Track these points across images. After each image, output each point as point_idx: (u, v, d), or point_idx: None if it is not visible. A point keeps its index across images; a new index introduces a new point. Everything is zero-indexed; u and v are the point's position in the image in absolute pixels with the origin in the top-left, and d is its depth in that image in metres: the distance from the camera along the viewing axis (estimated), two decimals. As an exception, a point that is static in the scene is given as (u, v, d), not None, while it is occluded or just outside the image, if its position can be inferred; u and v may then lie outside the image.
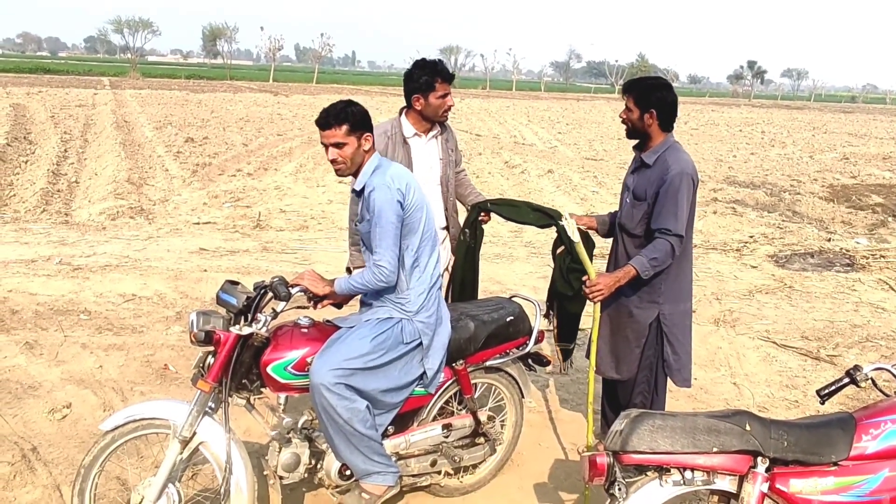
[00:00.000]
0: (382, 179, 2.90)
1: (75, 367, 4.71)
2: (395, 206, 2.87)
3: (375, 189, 2.88)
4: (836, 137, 29.08)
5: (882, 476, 2.30)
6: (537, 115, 34.37)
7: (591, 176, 14.67)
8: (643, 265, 3.31)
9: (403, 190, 2.90)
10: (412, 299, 2.98)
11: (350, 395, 2.82)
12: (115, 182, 11.53)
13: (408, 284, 2.99)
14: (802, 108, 66.38)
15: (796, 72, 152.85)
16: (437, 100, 3.66)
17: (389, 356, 2.94)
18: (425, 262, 3.02)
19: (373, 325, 2.96)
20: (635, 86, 3.43)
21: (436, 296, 3.09)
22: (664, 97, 3.37)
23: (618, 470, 2.29)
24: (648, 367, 3.55)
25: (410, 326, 2.98)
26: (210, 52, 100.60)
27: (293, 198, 11.26)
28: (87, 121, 20.23)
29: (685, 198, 3.30)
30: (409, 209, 2.92)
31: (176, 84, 47.34)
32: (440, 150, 3.85)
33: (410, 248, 2.97)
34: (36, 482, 3.48)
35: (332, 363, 2.81)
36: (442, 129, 3.86)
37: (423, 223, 2.99)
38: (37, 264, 6.83)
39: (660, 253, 3.29)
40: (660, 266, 3.32)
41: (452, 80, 3.72)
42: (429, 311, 3.02)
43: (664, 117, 3.38)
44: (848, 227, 11.03)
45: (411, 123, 3.77)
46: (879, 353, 5.62)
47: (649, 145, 3.45)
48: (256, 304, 2.82)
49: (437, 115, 3.71)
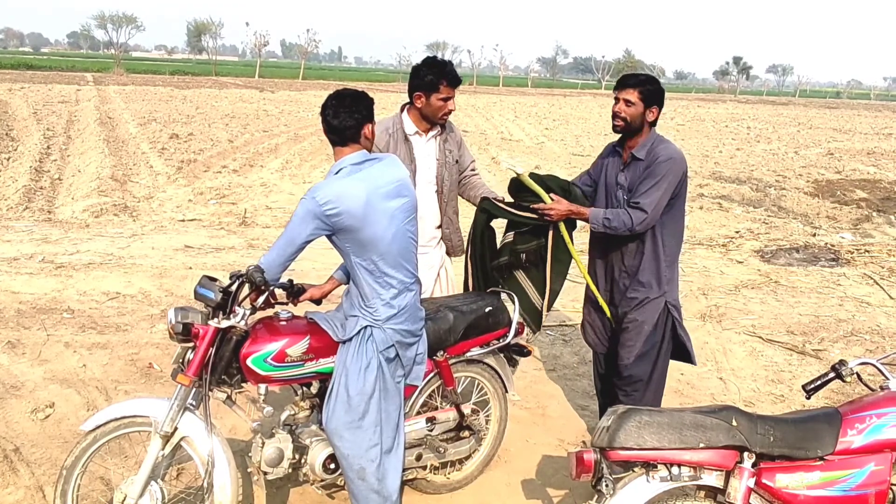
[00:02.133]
0: (321, 191, 2.75)
1: (58, 366, 4.65)
2: (311, 219, 2.74)
3: (303, 198, 2.78)
4: (821, 133, 29.31)
5: (867, 470, 2.32)
6: (524, 110, 34.41)
7: (578, 171, 14.67)
8: (597, 218, 3.48)
9: (331, 210, 2.73)
10: (378, 308, 2.90)
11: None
12: (99, 179, 11.43)
13: (370, 294, 2.90)
14: (787, 103, 66.86)
15: (781, 67, 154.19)
16: (438, 101, 3.58)
17: (377, 383, 2.91)
18: (388, 273, 2.87)
19: (356, 377, 2.90)
20: (641, 81, 3.50)
21: (408, 304, 2.96)
22: (663, 94, 3.55)
23: (605, 466, 2.29)
24: (655, 347, 3.65)
25: (382, 334, 2.91)
26: (195, 47, 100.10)
27: (279, 194, 11.21)
28: (71, 117, 20.06)
29: (666, 183, 3.40)
30: (338, 228, 2.76)
31: (160, 80, 47.03)
32: (437, 151, 3.79)
33: (368, 262, 2.85)
34: (18, 483, 3.44)
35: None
36: (442, 129, 3.79)
37: (378, 242, 2.81)
38: (19, 262, 6.75)
39: (617, 221, 3.44)
40: (609, 230, 3.46)
41: (458, 85, 3.64)
42: (400, 318, 2.94)
43: (658, 115, 3.54)
44: (833, 222, 11.11)
45: (412, 121, 3.71)
46: (864, 348, 5.66)
47: (637, 141, 3.53)
48: (234, 297, 2.80)
49: (435, 116, 3.64)
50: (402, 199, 2.90)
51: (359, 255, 2.84)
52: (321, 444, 3.02)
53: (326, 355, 2.98)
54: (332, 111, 2.85)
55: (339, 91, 2.92)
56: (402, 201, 2.89)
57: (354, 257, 2.85)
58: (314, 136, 18.21)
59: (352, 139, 2.88)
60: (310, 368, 2.96)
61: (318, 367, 2.98)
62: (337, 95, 2.89)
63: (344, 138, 2.88)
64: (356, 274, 2.90)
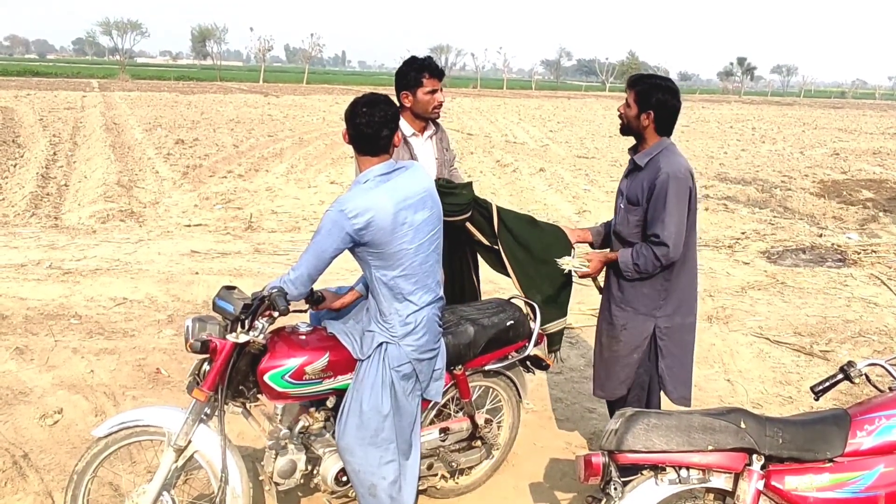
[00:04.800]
0: (349, 203, 2.68)
1: (66, 372, 4.67)
2: (338, 232, 2.68)
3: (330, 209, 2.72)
4: (826, 133, 29.21)
5: (877, 472, 2.30)
6: (528, 113, 34.39)
7: (583, 174, 14.68)
8: (626, 264, 3.24)
9: (360, 224, 2.67)
10: (395, 325, 2.84)
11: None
12: (105, 185, 11.47)
13: (388, 309, 2.85)
14: (792, 104, 66.70)
15: (786, 68, 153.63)
16: (425, 95, 3.61)
17: (391, 400, 2.87)
18: (408, 289, 2.83)
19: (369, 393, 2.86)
20: (640, 82, 3.25)
21: (426, 319, 2.90)
22: (666, 101, 3.19)
23: (613, 469, 2.28)
24: (640, 385, 3.41)
25: (397, 351, 2.85)
26: (199, 53, 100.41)
27: (284, 199, 11.22)
28: (76, 123, 20.12)
29: (675, 202, 3.11)
30: (365, 240, 2.71)
31: (165, 86, 47.15)
32: (435, 150, 3.84)
33: (385, 275, 2.80)
34: (27, 489, 3.45)
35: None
36: (437, 127, 3.85)
37: (402, 255, 2.76)
38: (26, 269, 6.78)
39: (643, 260, 3.18)
40: (641, 272, 3.21)
41: (441, 77, 3.67)
42: (417, 335, 2.87)
43: (662, 121, 3.22)
44: (839, 222, 11.07)
45: (408, 123, 3.73)
46: (872, 349, 5.63)
47: (643, 147, 3.30)
48: (254, 312, 2.73)
49: (426, 111, 3.67)
50: (428, 212, 2.84)
51: (380, 269, 2.79)
52: (334, 457, 2.98)
53: (345, 372, 2.91)
54: (365, 119, 2.71)
55: (369, 96, 2.78)
56: (428, 214, 2.83)
57: (376, 271, 2.80)
58: (319, 141, 18.25)
59: (384, 149, 2.79)
60: (328, 386, 2.90)
61: (335, 385, 2.92)
62: (368, 102, 2.74)
63: (376, 148, 2.77)
64: (375, 288, 2.85)
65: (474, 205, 3.48)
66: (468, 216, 3.47)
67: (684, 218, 3.16)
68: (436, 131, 3.85)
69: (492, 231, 3.49)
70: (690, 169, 3.21)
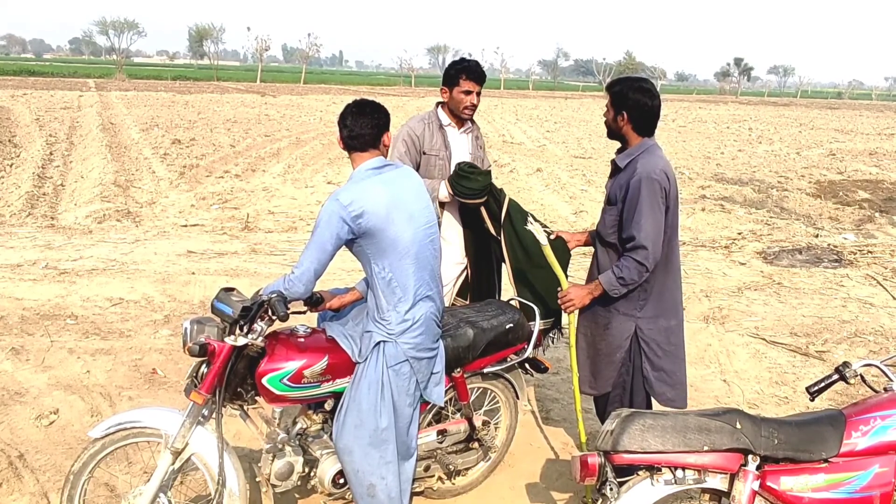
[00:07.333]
0: (344, 193, 2.77)
1: (62, 372, 4.66)
2: (336, 222, 2.74)
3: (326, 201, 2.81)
4: (823, 133, 29.27)
5: (872, 472, 2.31)
6: (525, 113, 34.42)
7: (580, 174, 14.69)
8: (611, 283, 3.17)
9: (356, 211, 2.74)
10: (392, 322, 2.86)
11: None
12: (102, 185, 11.45)
13: (386, 306, 2.87)
14: (789, 104, 66.78)
15: (783, 68, 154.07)
16: (459, 94, 3.85)
17: (389, 399, 2.87)
18: (406, 284, 2.85)
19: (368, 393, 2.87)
20: (614, 84, 3.26)
21: (423, 317, 2.91)
22: (640, 101, 3.17)
23: (609, 470, 2.29)
24: (622, 385, 3.39)
25: (394, 349, 2.86)
26: (196, 52, 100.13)
27: (281, 199, 11.22)
28: (73, 123, 20.09)
29: (648, 203, 3.07)
30: (362, 230, 2.77)
31: (162, 85, 47.07)
32: (470, 145, 4.06)
33: (384, 269, 2.83)
34: (23, 489, 3.45)
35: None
36: (472, 126, 4.09)
37: (398, 242, 2.81)
38: (22, 269, 6.77)
39: (626, 271, 3.12)
40: (630, 285, 3.16)
41: (481, 81, 3.89)
42: (414, 332, 2.89)
43: (639, 122, 3.20)
44: (835, 222, 11.09)
45: (446, 115, 3.99)
46: (868, 349, 5.65)
47: (625, 148, 3.29)
48: (253, 316, 2.73)
49: (458, 109, 3.91)
50: (422, 203, 2.95)
51: (378, 261, 2.83)
52: (332, 459, 2.98)
53: (343, 375, 2.92)
54: (352, 118, 2.89)
55: (358, 100, 2.97)
56: (422, 204, 2.94)
57: (374, 265, 2.83)
58: (316, 141, 18.24)
59: (372, 145, 2.92)
60: (326, 389, 2.91)
61: (334, 388, 2.93)
62: (357, 104, 2.94)
63: (364, 143, 2.91)
64: (374, 283, 2.87)
65: (489, 192, 3.67)
66: (483, 201, 3.67)
67: (661, 218, 3.12)
68: (472, 128, 4.08)
69: (499, 221, 3.65)
70: (666, 169, 3.16)
